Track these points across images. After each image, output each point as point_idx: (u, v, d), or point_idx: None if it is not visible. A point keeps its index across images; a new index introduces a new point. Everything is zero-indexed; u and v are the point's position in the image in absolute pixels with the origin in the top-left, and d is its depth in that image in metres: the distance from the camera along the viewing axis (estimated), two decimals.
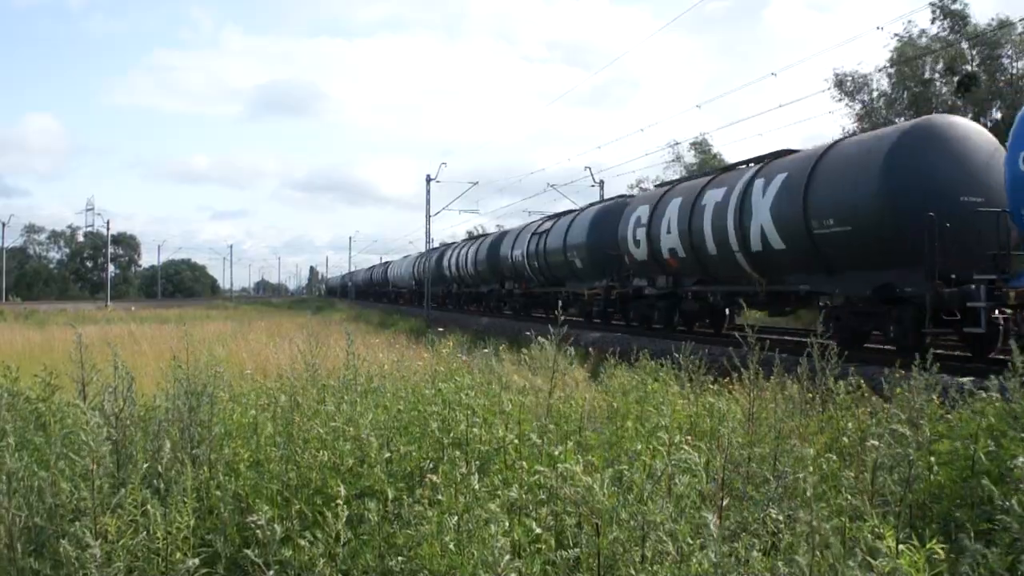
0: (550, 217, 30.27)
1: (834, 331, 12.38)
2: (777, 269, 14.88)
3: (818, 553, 2.82)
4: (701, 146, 49.00)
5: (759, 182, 15.00)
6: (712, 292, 17.62)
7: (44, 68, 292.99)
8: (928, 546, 2.61)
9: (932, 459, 3.82)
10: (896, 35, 33.81)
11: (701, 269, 17.54)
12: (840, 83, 36.05)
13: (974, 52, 32.15)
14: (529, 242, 29.47)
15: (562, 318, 4.76)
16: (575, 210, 28.22)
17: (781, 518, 3.30)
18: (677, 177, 41.13)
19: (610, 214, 23.31)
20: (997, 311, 10.72)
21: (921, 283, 11.29)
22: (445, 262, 45.49)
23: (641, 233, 19.76)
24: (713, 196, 16.66)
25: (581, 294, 25.00)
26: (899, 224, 11.64)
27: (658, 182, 48.28)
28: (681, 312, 19.38)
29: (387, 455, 3.93)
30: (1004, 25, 30.75)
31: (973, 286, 10.70)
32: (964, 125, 12.64)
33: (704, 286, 17.81)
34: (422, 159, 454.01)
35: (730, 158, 45.79)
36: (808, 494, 3.08)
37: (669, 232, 18.29)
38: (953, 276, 11.08)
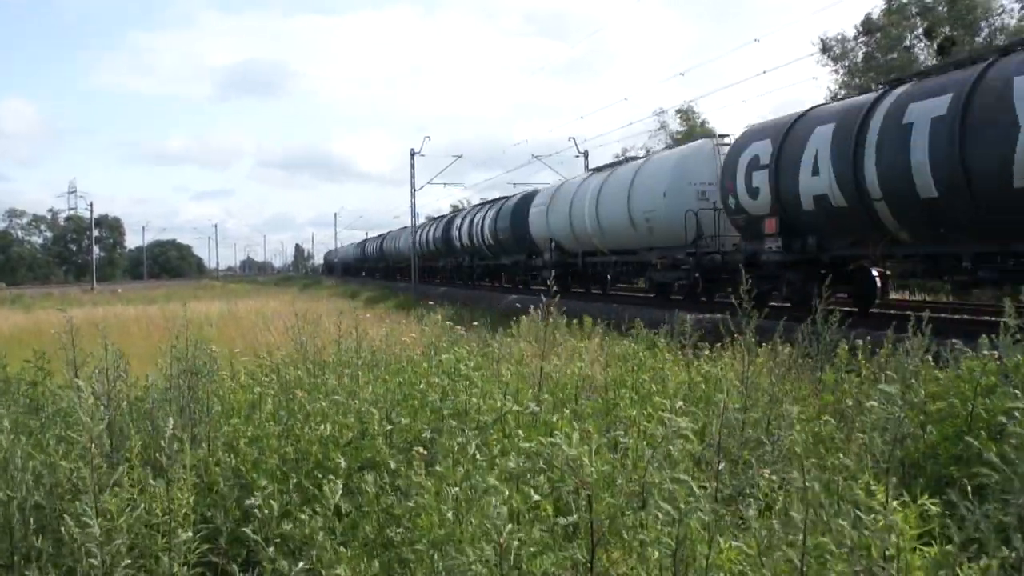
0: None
1: None
2: None
3: (811, 512, 2.86)
4: (687, 114, 48.88)
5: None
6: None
7: (18, 51, 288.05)
8: (920, 502, 2.65)
9: (923, 418, 3.88)
10: None
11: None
12: (826, 48, 36.07)
13: (947, 12, 32.10)
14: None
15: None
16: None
17: (775, 479, 3.35)
18: (663, 147, 40.93)
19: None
20: None
21: None
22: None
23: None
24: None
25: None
26: None
27: (642, 150, 48.16)
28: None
29: (388, 427, 3.95)
30: None
31: None
32: None
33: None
34: (400, 135, 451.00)
35: (716, 126, 45.78)
36: (798, 451, 3.11)
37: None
38: None
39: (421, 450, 3.53)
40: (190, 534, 3.10)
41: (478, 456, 3.26)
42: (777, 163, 13.93)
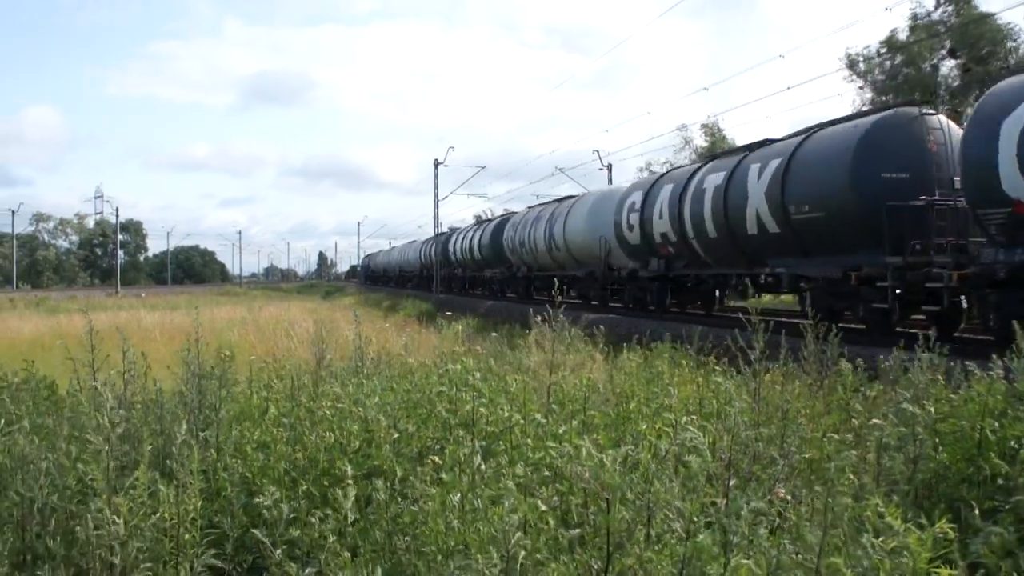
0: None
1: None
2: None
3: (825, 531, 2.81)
4: (711, 128, 48.50)
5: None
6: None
7: (44, 59, 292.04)
8: (937, 525, 2.59)
9: (937, 439, 3.81)
10: (912, 12, 33.53)
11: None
12: (852, 64, 35.84)
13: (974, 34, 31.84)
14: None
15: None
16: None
17: (788, 497, 3.30)
18: (687, 162, 40.99)
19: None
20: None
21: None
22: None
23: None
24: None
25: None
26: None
27: (666, 165, 47.98)
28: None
29: (395, 435, 3.94)
30: (985, 17, 30.62)
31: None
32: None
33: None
34: (422, 145, 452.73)
35: (739, 141, 45.52)
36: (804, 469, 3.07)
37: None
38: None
39: (436, 459, 3.52)
40: (212, 552, 3.11)
41: (483, 466, 3.25)
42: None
